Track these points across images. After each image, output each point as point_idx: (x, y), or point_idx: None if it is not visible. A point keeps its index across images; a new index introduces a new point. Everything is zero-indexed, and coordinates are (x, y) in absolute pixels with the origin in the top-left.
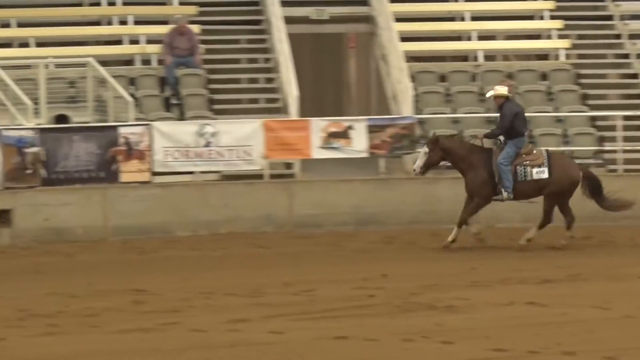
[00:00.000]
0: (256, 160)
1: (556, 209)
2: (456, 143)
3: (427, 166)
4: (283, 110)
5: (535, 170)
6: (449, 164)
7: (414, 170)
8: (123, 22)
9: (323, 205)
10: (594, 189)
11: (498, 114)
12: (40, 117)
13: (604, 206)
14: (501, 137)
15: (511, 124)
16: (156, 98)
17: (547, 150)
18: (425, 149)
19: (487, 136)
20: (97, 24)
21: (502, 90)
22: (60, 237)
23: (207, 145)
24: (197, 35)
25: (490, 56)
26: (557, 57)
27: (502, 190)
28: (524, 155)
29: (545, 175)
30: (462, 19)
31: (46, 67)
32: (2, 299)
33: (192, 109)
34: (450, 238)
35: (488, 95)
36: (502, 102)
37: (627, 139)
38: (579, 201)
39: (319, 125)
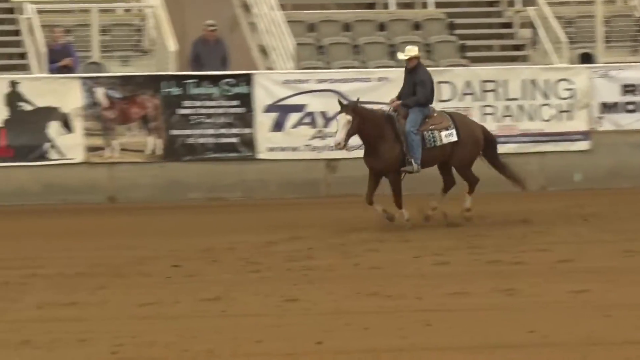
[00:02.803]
0: None
1: None
2: (368, 110)
3: (350, 137)
4: None
5: (444, 134)
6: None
7: (338, 144)
8: None
9: None
10: (493, 150)
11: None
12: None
13: (504, 172)
14: (389, 109)
15: (432, 91)
16: None
17: (446, 112)
18: (347, 117)
19: (406, 105)
20: None
21: (415, 50)
22: None
23: None
24: None
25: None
26: (425, 6)
27: (412, 161)
28: (426, 120)
29: (455, 137)
30: None
31: None
32: None
33: None
34: (405, 217)
35: (402, 57)
36: (415, 64)
37: None
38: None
39: None
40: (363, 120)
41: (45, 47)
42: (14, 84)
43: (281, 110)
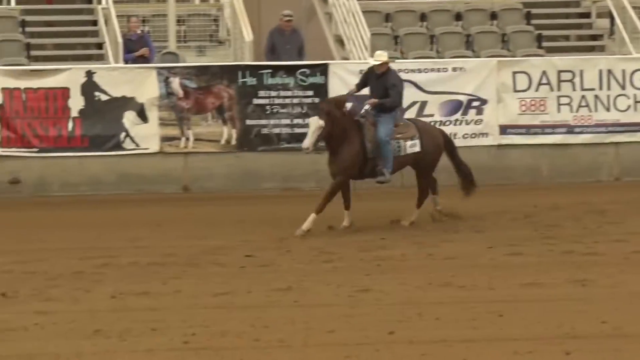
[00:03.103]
0: None
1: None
2: (340, 113)
3: (319, 141)
4: None
5: (409, 143)
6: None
7: (307, 148)
8: None
9: None
10: (453, 152)
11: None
12: None
13: (459, 173)
14: (367, 107)
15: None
16: None
17: (411, 120)
18: (320, 122)
19: (382, 105)
20: None
21: (385, 55)
22: None
23: None
24: None
25: None
26: None
27: (384, 170)
28: (394, 128)
29: (418, 148)
30: None
31: None
32: None
33: None
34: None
35: (374, 62)
36: (385, 69)
37: None
38: None
39: None
40: (334, 125)
41: (122, 37)
42: (90, 73)
43: (356, 100)
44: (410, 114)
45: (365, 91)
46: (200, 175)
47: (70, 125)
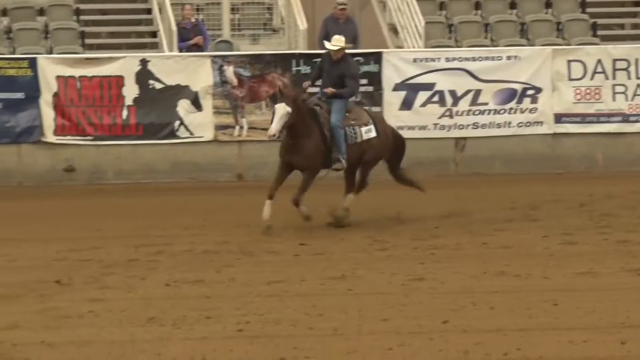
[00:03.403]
0: None
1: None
2: (304, 103)
3: (285, 128)
4: None
5: (364, 129)
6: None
7: (273, 135)
8: None
9: None
10: (399, 151)
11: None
12: None
13: (397, 175)
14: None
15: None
16: None
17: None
18: (287, 109)
19: (340, 95)
20: None
21: (343, 41)
22: None
23: None
24: None
25: None
26: None
27: (340, 157)
28: (347, 115)
29: (373, 133)
30: None
31: None
32: None
33: None
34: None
35: (331, 47)
36: (342, 55)
37: None
38: None
39: None
40: (298, 113)
41: (176, 25)
42: (144, 62)
43: (410, 88)
44: (465, 102)
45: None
46: (254, 164)
47: (124, 113)
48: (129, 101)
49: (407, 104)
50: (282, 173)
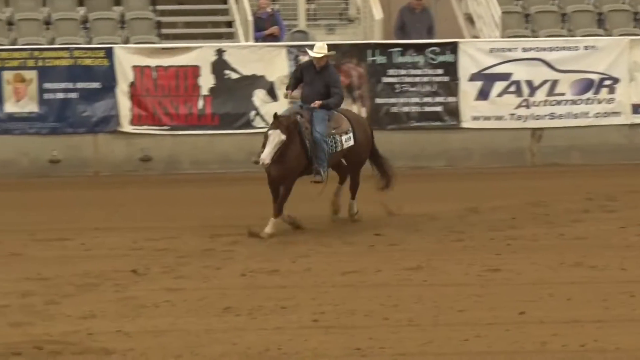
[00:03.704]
0: None
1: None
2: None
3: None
4: None
5: (344, 138)
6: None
7: (265, 163)
8: None
9: None
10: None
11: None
12: None
13: (382, 169)
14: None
15: None
16: None
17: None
18: (282, 137)
19: (326, 106)
20: None
21: (326, 48)
22: None
23: None
24: None
25: None
26: None
27: (321, 170)
28: (328, 123)
29: (352, 142)
30: None
31: None
32: None
33: None
34: (269, 230)
35: (315, 55)
36: (325, 63)
37: None
38: None
39: None
40: (289, 136)
41: (252, 15)
42: (220, 52)
43: (486, 78)
44: (542, 92)
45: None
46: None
47: (200, 103)
48: (204, 91)
49: (483, 94)
50: (273, 189)
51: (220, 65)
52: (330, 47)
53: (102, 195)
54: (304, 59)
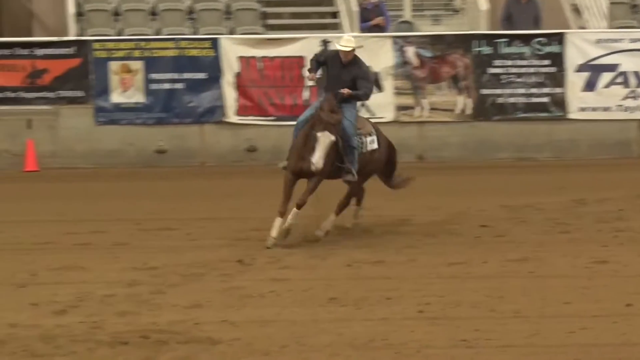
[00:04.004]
0: None
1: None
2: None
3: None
4: None
5: (368, 139)
6: None
7: (316, 166)
8: None
9: None
10: (393, 162)
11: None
12: None
13: (391, 184)
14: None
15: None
16: None
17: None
18: (332, 138)
19: (356, 97)
20: None
21: (354, 41)
22: None
23: None
24: None
25: None
26: None
27: (352, 169)
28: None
29: (376, 144)
30: None
31: None
32: None
33: None
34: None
35: (343, 48)
36: (353, 57)
37: None
38: None
39: None
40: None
41: (358, 6)
42: (325, 43)
43: (593, 69)
44: None
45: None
46: (435, 145)
47: (305, 94)
48: (310, 82)
49: (590, 85)
50: (290, 184)
51: None
52: (438, 38)
53: (207, 186)
54: (409, 49)
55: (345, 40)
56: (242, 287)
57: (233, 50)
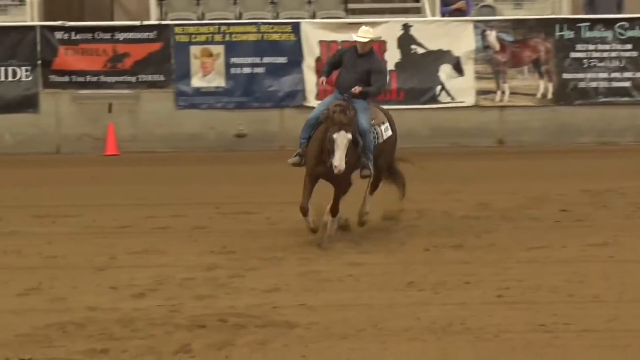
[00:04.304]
0: None
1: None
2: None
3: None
4: None
5: (382, 128)
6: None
7: (338, 169)
8: None
9: None
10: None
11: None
12: None
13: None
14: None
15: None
16: None
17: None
18: (348, 136)
19: (367, 93)
20: None
21: (372, 32)
22: None
23: None
24: None
25: None
26: None
27: (369, 164)
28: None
29: (390, 132)
30: None
31: None
32: None
33: None
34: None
35: (360, 39)
36: (370, 49)
37: None
38: None
39: None
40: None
41: None
42: (406, 27)
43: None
44: None
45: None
46: (516, 129)
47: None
48: (390, 66)
49: None
50: (310, 187)
51: (406, 40)
52: (519, 22)
53: (287, 170)
54: (491, 33)
55: (363, 31)
56: (320, 271)
57: (314, 35)
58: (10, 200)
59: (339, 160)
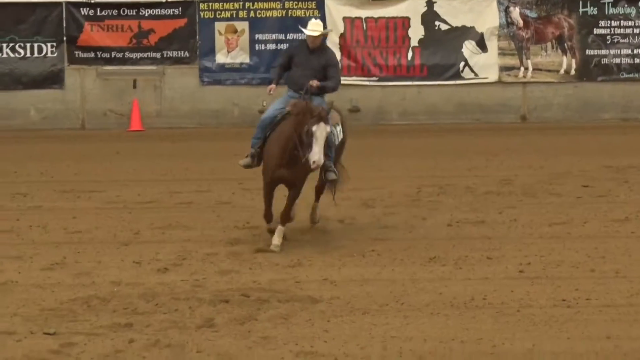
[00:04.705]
0: None
1: None
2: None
3: None
4: None
5: (338, 129)
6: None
7: (317, 163)
8: None
9: None
10: None
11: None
12: None
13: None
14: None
15: None
16: None
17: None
18: (328, 129)
19: (324, 89)
20: None
21: (321, 26)
22: None
23: None
24: None
25: None
26: None
27: (332, 167)
28: None
29: (342, 135)
30: None
31: None
32: None
33: None
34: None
35: (310, 33)
36: (321, 43)
37: None
38: None
39: None
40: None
41: None
42: (430, 3)
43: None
44: None
45: None
46: (539, 105)
47: (409, 54)
48: (414, 42)
49: None
50: (271, 193)
51: (430, 17)
52: None
53: None
54: (514, 10)
55: (312, 25)
56: (342, 247)
57: (338, 11)
58: (36, 175)
59: (318, 155)
